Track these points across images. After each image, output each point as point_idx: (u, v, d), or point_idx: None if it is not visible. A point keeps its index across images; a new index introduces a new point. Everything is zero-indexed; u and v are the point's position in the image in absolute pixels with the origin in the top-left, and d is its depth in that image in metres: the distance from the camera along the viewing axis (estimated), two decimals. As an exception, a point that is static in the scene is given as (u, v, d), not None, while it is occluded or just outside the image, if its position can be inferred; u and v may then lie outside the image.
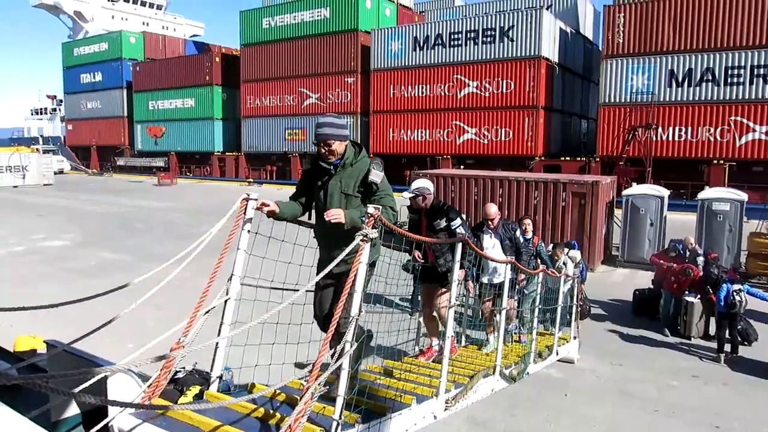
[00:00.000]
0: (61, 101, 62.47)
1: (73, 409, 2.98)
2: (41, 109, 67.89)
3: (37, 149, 45.44)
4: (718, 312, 9.35)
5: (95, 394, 2.63)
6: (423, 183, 5.67)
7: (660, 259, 11.39)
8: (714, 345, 9.58)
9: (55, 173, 44.49)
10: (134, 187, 39.55)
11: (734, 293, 9.11)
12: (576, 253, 10.96)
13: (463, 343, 6.99)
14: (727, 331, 9.25)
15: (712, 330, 10.24)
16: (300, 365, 4.31)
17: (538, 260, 9.24)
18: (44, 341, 3.94)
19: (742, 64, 25.28)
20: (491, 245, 6.99)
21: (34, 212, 25.19)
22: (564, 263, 9.89)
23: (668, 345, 9.89)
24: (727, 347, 9.24)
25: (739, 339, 9.44)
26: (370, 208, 3.07)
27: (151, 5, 65.73)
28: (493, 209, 7.15)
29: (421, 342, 6.64)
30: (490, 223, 7.08)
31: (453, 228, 5.51)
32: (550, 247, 10.71)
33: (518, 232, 7.18)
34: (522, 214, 15.27)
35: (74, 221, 22.48)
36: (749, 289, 9.43)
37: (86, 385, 2.61)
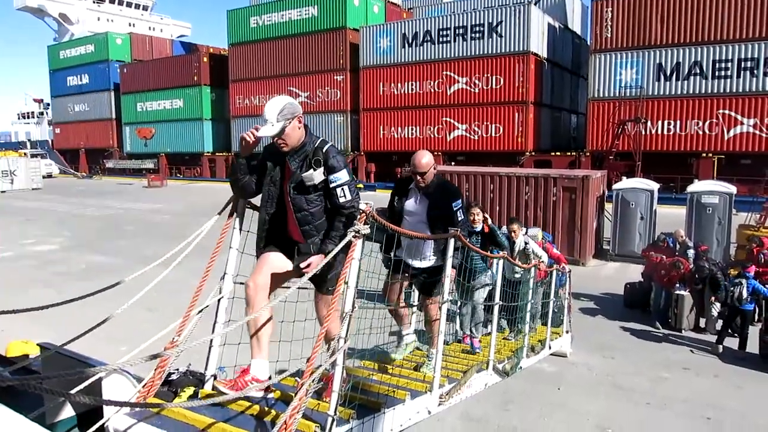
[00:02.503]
0: (48, 105, 61.89)
1: (68, 411, 2.97)
2: (28, 113, 67.17)
3: (25, 153, 45.08)
4: (732, 307, 9.31)
5: (90, 394, 2.63)
6: (282, 101, 3.34)
7: (651, 251, 11.48)
8: (703, 337, 9.71)
9: (44, 177, 44.12)
10: (124, 190, 39.32)
11: (733, 286, 9.15)
12: (536, 231, 9.66)
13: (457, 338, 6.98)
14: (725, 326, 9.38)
15: (702, 323, 10.36)
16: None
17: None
18: (38, 344, 3.93)
19: (730, 57, 25.48)
20: (416, 213, 4.66)
21: (23, 217, 25.00)
22: (525, 243, 8.09)
23: (659, 338, 9.98)
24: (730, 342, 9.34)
25: (730, 330, 9.53)
26: (362, 205, 3.04)
27: (137, 6, 65.20)
28: (424, 159, 4.47)
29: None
30: (419, 179, 4.53)
31: (333, 186, 3.26)
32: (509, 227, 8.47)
33: (458, 203, 4.58)
34: (513, 211, 15.36)
35: (63, 225, 22.33)
36: (755, 284, 9.42)
37: (81, 386, 2.61)
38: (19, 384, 1.38)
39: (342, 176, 3.27)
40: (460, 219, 4.57)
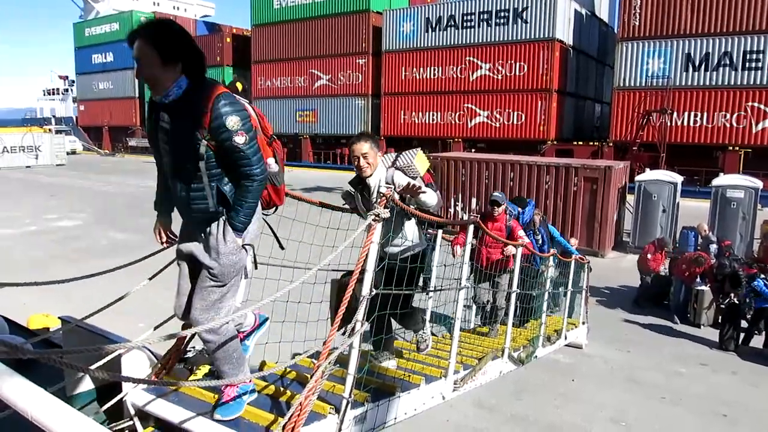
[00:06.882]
0: (73, 82, 62.54)
1: (87, 385, 3.03)
2: (53, 89, 68.02)
3: (50, 129, 45.67)
4: (757, 308, 9.12)
5: (110, 370, 2.68)
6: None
7: (648, 252, 11.20)
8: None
9: (68, 153, 44.72)
10: (146, 168, 39.66)
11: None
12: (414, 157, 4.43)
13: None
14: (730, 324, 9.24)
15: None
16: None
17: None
18: (59, 317, 3.99)
19: (761, 48, 24.76)
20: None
21: (47, 192, 25.40)
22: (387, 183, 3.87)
23: (677, 332, 9.87)
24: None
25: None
26: (383, 188, 3.02)
27: (162, -15, 65.29)
28: None
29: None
30: None
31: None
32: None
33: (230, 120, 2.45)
34: (533, 199, 15.18)
35: (86, 201, 22.66)
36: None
37: (102, 361, 2.66)
38: (42, 358, 1.40)
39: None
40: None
